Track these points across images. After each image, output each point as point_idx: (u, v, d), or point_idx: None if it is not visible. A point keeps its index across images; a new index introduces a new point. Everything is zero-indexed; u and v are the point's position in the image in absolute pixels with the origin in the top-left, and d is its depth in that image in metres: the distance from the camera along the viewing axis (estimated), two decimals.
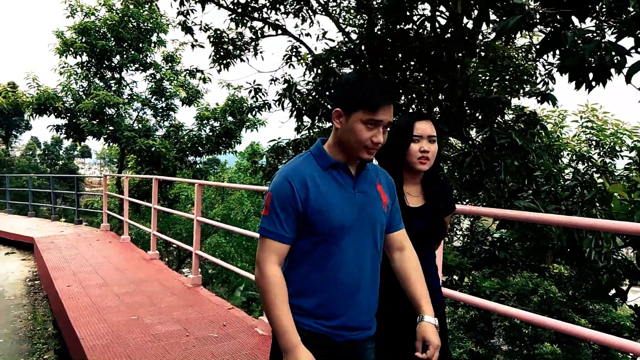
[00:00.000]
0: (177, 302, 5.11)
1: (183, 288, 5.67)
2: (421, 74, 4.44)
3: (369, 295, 1.66)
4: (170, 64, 13.06)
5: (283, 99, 4.77)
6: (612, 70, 3.02)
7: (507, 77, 4.61)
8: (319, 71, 4.21)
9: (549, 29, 3.28)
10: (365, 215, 1.61)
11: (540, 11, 2.94)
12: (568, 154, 7.15)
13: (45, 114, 11.16)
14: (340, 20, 6.44)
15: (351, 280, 1.59)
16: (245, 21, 6.33)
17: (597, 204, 3.26)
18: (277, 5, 6.00)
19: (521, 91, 4.89)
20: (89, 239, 9.18)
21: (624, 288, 5.81)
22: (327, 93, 4.23)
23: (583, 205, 3.24)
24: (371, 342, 1.70)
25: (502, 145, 3.45)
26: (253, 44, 6.75)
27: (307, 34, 6.75)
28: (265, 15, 6.15)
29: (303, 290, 1.59)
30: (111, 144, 12.33)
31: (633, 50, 2.93)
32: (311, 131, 5.50)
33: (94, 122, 11.33)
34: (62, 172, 37.35)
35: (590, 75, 3.00)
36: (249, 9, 5.97)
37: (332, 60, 4.12)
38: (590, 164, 6.89)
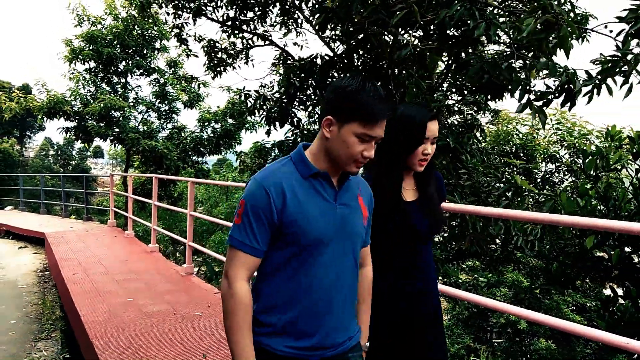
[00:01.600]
0: (170, 287, 5.68)
1: (177, 276, 6.25)
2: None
3: (346, 312, 1.58)
4: (173, 69, 13.73)
5: (255, 107, 5.33)
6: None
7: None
8: (284, 82, 4.76)
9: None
10: (346, 229, 1.53)
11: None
12: (540, 155, 7.62)
13: (55, 117, 11.88)
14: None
15: (327, 296, 1.50)
16: (235, 33, 6.90)
17: (511, 197, 3.75)
18: (265, 18, 6.56)
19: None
20: (96, 234, 9.81)
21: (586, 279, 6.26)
22: (293, 98, 4.75)
23: (498, 198, 3.73)
24: (354, 351, 1.62)
25: (438, 146, 3.94)
26: (244, 53, 7.31)
27: (295, 43, 7.27)
28: (253, 27, 6.72)
29: (274, 305, 1.48)
30: (117, 144, 13.01)
31: None
32: (294, 132, 6.03)
33: (101, 124, 12.05)
34: (74, 172, 38.25)
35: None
36: (238, 22, 6.53)
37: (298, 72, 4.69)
38: (559, 163, 7.37)
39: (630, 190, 4.87)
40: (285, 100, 4.96)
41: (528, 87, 2.89)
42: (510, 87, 2.97)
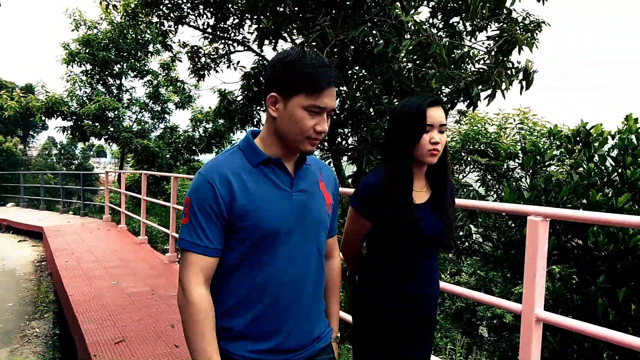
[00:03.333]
0: (153, 273, 6.23)
1: (161, 264, 6.80)
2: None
3: (312, 311, 1.47)
4: (166, 72, 14.32)
5: (220, 109, 5.86)
6: None
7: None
8: (244, 87, 5.28)
9: None
10: (307, 218, 1.41)
11: None
12: (503, 153, 8.12)
13: (53, 117, 12.49)
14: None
15: (290, 293, 1.39)
16: (216, 39, 7.43)
17: None
18: (242, 26, 7.09)
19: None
20: (91, 228, 10.38)
21: None
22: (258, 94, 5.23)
23: None
24: (324, 354, 1.51)
25: (376, 143, 4.48)
26: (226, 57, 7.84)
27: (274, 48, 7.80)
28: (232, 35, 7.24)
29: (231, 307, 1.37)
30: (111, 143, 13.61)
31: None
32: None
33: (96, 124, 12.67)
34: (77, 171, 38.83)
35: None
36: (218, 29, 7.06)
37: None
38: (519, 160, 7.88)
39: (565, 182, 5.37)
40: (247, 103, 5.49)
41: (433, 93, 3.40)
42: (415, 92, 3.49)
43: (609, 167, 5.51)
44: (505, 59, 3.35)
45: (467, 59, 3.86)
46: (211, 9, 6.35)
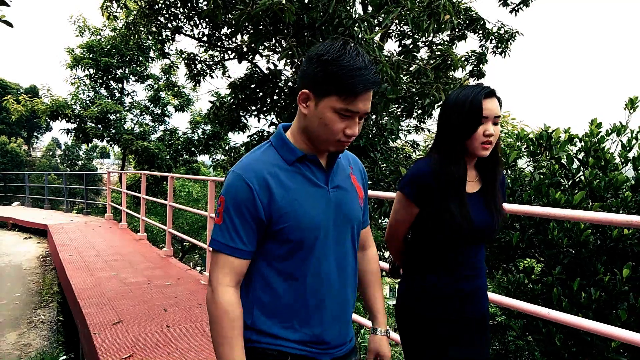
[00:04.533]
0: (150, 265, 6.69)
1: (158, 257, 7.26)
2: None
3: (351, 305, 1.45)
4: (167, 76, 14.86)
5: (209, 114, 6.33)
6: None
7: None
8: (231, 95, 5.77)
9: None
10: (343, 214, 1.38)
11: None
12: None
13: (57, 119, 13.03)
14: None
15: (334, 292, 1.37)
16: (211, 47, 7.90)
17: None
18: (235, 35, 7.56)
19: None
20: (93, 225, 10.86)
21: None
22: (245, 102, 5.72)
23: (389, 185, 4.69)
24: (353, 355, 1.50)
25: (351, 146, 4.90)
26: (220, 64, 8.31)
27: (267, 57, 8.26)
28: (227, 43, 7.72)
29: (273, 311, 1.33)
30: (113, 145, 14.14)
31: None
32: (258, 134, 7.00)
33: (99, 126, 13.21)
34: (81, 171, 39.30)
35: None
36: (213, 38, 7.54)
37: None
38: None
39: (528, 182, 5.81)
40: (233, 109, 5.97)
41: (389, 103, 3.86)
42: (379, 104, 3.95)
43: (573, 169, 5.95)
44: (443, 75, 3.79)
45: (422, 72, 4.32)
46: (206, 19, 6.82)
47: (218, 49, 7.85)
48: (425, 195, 1.68)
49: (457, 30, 7.30)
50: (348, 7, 3.78)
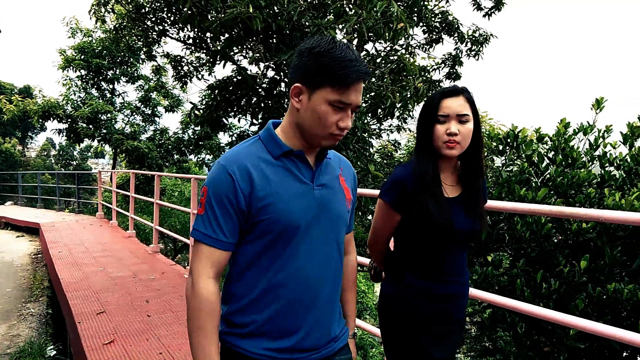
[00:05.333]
0: (136, 261, 6.93)
1: (145, 253, 7.51)
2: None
3: (330, 309, 1.43)
4: (157, 76, 15.09)
5: (190, 115, 6.57)
6: None
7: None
8: (210, 96, 6.01)
9: None
10: (327, 212, 1.37)
11: None
12: None
13: (49, 120, 13.25)
14: None
15: (309, 291, 1.35)
16: (197, 50, 8.14)
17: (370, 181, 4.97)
18: (214, 40, 7.80)
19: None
20: (84, 224, 11.08)
21: None
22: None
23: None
24: (342, 354, 1.47)
25: None
26: (206, 66, 8.54)
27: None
28: (211, 46, 7.95)
29: (249, 304, 1.33)
30: (104, 144, 14.38)
31: None
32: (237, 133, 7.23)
33: (90, 126, 13.45)
34: (74, 171, 39.28)
35: None
36: (198, 40, 7.77)
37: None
38: None
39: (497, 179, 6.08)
40: (212, 110, 6.22)
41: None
42: None
43: (543, 167, 6.22)
44: (400, 79, 4.05)
45: (380, 76, 4.59)
46: (187, 25, 7.07)
47: (204, 51, 8.08)
48: (404, 200, 1.68)
49: (434, 33, 7.58)
50: (311, 16, 4.02)
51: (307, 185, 1.35)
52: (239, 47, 4.42)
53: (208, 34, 7.76)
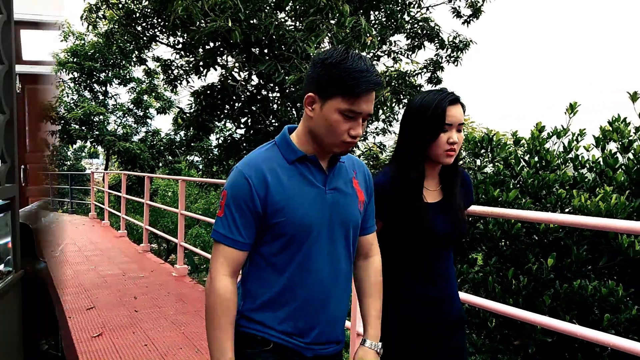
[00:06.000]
0: (127, 260, 7.15)
1: (135, 253, 7.73)
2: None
3: (341, 305, 1.48)
4: (150, 79, 15.32)
5: (177, 118, 6.80)
6: None
7: None
8: (195, 101, 6.26)
9: None
10: (338, 216, 1.42)
11: None
12: None
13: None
14: None
15: (322, 289, 1.41)
16: (186, 55, 8.37)
17: None
18: (208, 43, 8.04)
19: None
20: (77, 223, 11.28)
21: None
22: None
23: None
24: (340, 356, 1.54)
25: None
26: (196, 70, 8.77)
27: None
28: (199, 51, 8.18)
29: (265, 303, 1.40)
30: (96, 146, 14.59)
31: None
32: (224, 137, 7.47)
33: (82, 128, 13.68)
34: (68, 172, 39.25)
35: None
36: (187, 46, 8.00)
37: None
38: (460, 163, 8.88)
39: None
40: (198, 115, 6.45)
41: None
42: None
43: (517, 169, 6.49)
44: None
45: None
46: (178, 32, 7.31)
47: (193, 56, 8.31)
48: (384, 206, 1.67)
49: (416, 39, 7.85)
50: (287, 30, 4.27)
51: (320, 189, 1.39)
52: (221, 56, 4.64)
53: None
